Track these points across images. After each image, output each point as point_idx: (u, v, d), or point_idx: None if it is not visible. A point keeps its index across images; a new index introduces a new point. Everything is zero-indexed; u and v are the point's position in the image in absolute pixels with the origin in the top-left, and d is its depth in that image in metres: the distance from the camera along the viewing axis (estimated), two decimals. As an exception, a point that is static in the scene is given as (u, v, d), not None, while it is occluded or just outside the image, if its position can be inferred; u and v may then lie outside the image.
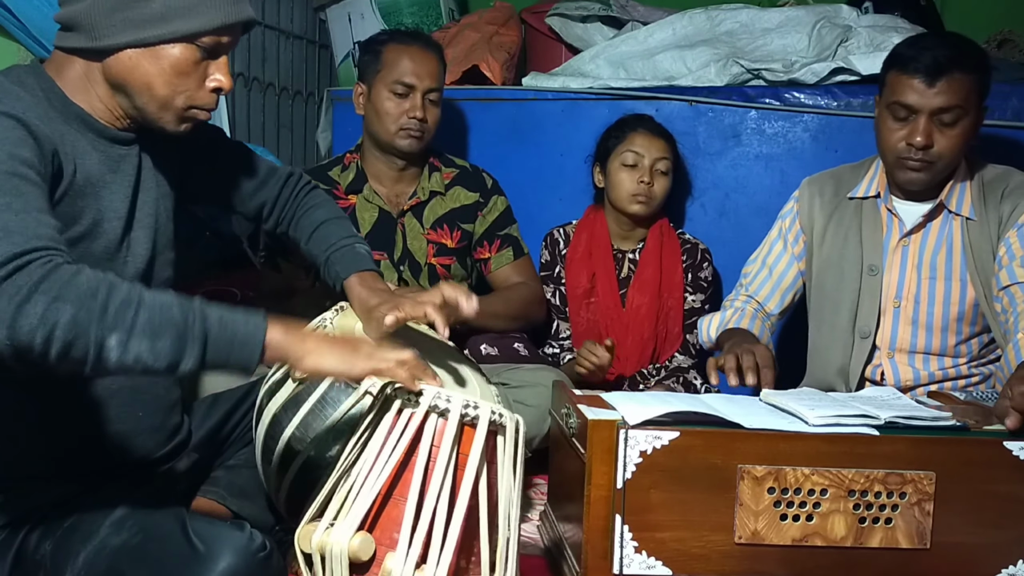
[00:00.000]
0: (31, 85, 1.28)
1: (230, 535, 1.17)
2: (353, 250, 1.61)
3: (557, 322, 2.54)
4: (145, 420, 1.43)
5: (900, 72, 1.84)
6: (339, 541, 1.10)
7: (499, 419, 1.18)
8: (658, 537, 1.38)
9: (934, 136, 1.82)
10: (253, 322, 1.15)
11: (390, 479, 1.14)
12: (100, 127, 1.34)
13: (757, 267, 2.15)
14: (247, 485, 1.62)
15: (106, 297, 1.07)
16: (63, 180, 1.24)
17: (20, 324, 1.02)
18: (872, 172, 2.03)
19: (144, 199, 1.41)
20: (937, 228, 1.95)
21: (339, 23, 3.17)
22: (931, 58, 1.79)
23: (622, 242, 2.54)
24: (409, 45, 2.29)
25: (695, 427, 1.39)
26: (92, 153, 1.32)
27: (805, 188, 2.12)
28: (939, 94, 1.79)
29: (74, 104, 1.31)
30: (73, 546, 1.23)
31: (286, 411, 1.48)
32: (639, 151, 2.42)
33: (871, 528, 1.39)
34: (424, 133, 2.28)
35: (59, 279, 1.06)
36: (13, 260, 1.04)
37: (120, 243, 1.35)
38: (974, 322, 1.94)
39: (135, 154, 1.40)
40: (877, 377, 2.01)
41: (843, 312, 2.00)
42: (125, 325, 1.07)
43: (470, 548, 1.16)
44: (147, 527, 1.22)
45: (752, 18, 2.76)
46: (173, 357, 1.09)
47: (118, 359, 1.07)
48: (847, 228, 2.02)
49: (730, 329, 2.01)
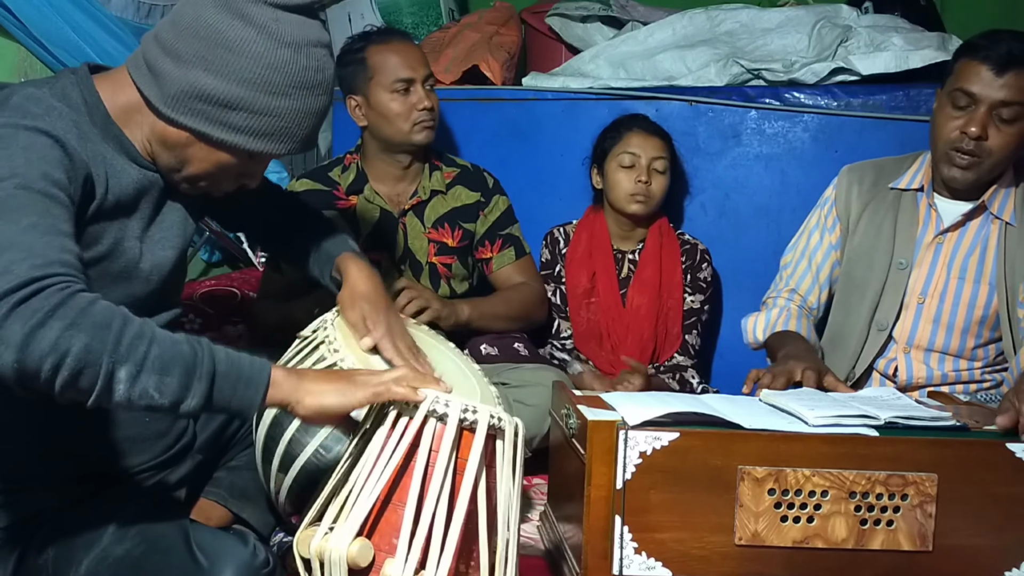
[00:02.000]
0: (75, 99, 1.27)
1: (233, 549, 1.16)
2: (338, 239, 1.63)
3: (558, 321, 2.54)
4: (152, 425, 1.42)
5: (970, 58, 1.82)
6: (338, 547, 1.10)
7: (498, 423, 1.18)
8: (658, 538, 1.38)
9: (989, 130, 1.81)
10: (259, 364, 1.15)
11: (389, 484, 1.13)
12: (134, 153, 1.33)
13: (796, 257, 2.12)
14: (249, 486, 1.62)
15: (120, 329, 1.06)
16: (93, 203, 1.24)
17: (31, 349, 1.01)
18: (918, 165, 2.02)
19: (163, 221, 1.41)
20: (975, 229, 1.94)
21: (339, 23, 3.17)
22: (1005, 49, 1.79)
23: (622, 242, 2.54)
24: (389, 42, 2.28)
25: (695, 428, 1.38)
26: (127, 171, 1.31)
27: (844, 176, 2.10)
28: (1004, 87, 1.78)
29: (115, 125, 1.30)
30: (75, 553, 1.23)
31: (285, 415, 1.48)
32: (635, 151, 2.42)
33: (872, 530, 1.38)
34: (435, 121, 2.28)
35: (75, 307, 1.05)
36: (31, 284, 1.03)
37: (138, 263, 1.34)
38: (994, 328, 1.93)
39: (159, 178, 1.38)
40: (890, 371, 2.00)
41: (865, 302, 1.99)
42: (136, 358, 1.06)
43: (469, 552, 1.15)
44: (150, 538, 1.21)
45: (752, 18, 2.76)
46: (179, 395, 1.09)
47: (125, 392, 1.06)
48: (881, 219, 2.01)
49: (779, 333, 2.00)
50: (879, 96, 2.54)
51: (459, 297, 2.36)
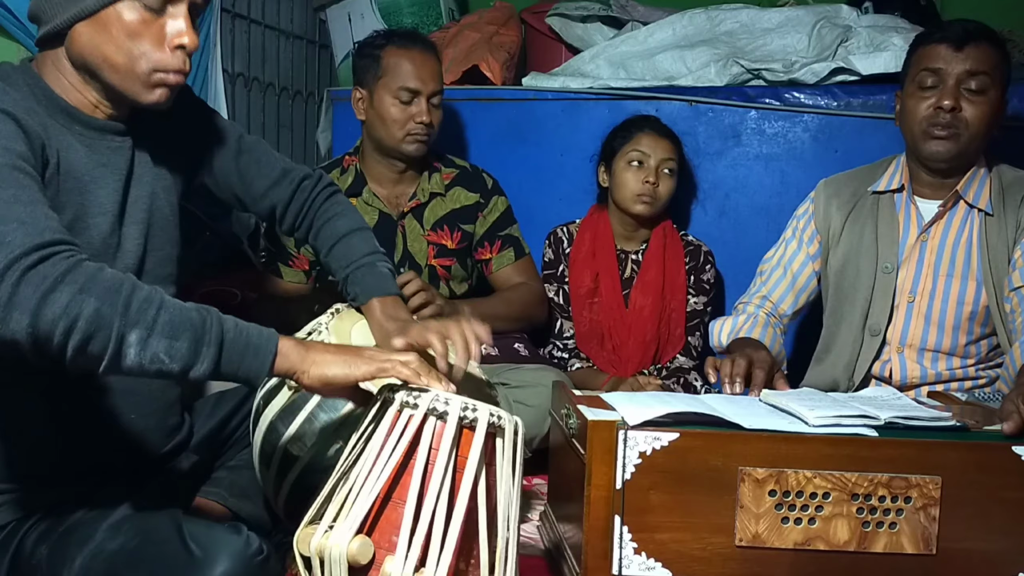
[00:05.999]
0: (17, 81, 1.26)
1: (227, 539, 1.16)
2: (375, 269, 1.58)
3: (560, 321, 2.54)
4: (139, 421, 1.41)
5: (927, 43, 1.87)
6: (338, 544, 1.09)
7: (498, 421, 1.18)
8: (658, 539, 1.37)
9: (961, 103, 1.83)
10: (267, 333, 1.16)
11: (389, 482, 1.13)
12: (86, 119, 1.31)
13: (772, 266, 2.14)
14: (248, 486, 1.61)
15: (129, 294, 1.07)
16: (47, 173, 1.23)
17: (44, 313, 1.02)
18: (894, 168, 2.03)
19: (137, 193, 1.38)
20: (957, 223, 1.94)
21: (339, 23, 3.17)
22: (959, 27, 1.84)
23: (625, 243, 2.53)
24: (409, 49, 2.26)
25: (695, 428, 1.38)
26: (78, 147, 1.29)
27: (822, 190, 2.11)
28: (967, 59, 1.82)
29: (59, 98, 1.29)
30: (70, 550, 1.22)
31: (283, 419, 1.48)
32: (645, 151, 2.42)
33: (875, 533, 1.37)
34: (430, 137, 2.27)
35: (84, 272, 1.06)
36: (38, 250, 1.04)
37: (108, 238, 1.33)
38: (985, 323, 1.93)
39: (128, 147, 1.37)
40: (885, 373, 2.00)
41: (856, 309, 2.00)
42: (146, 322, 1.07)
43: (469, 550, 1.15)
44: (144, 531, 1.21)
45: (752, 18, 2.76)
46: (189, 359, 1.09)
47: (136, 356, 1.06)
48: (863, 226, 2.01)
49: (741, 338, 2.01)
50: (879, 96, 2.55)
51: (458, 298, 2.36)
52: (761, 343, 1.96)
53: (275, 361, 1.15)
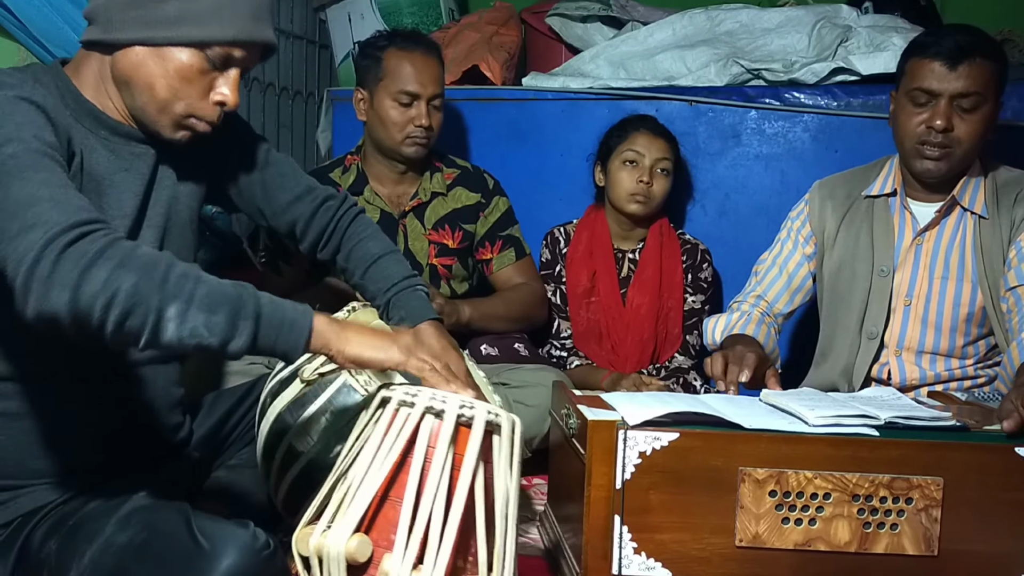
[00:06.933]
0: (46, 82, 1.29)
1: (234, 533, 1.16)
2: (415, 293, 1.59)
3: (558, 321, 2.53)
4: (144, 419, 1.42)
5: (920, 57, 1.84)
6: (336, 543, 1.09)
7: (495, 419, 1.17)
8: (657, 539, 1.36)
9: (954, 121, 1.82)
10: (301, 308, 1.18)
11: (386, 480, 1.13)
12: (113, 124, 1.34)
13: (768, 265, 2.13)
14: (249, 485, 1.62)
15: (167, 269, 1.08)
16: (71, 168, 1.25)
17: (83, 289, 1.03)
18: (887, 170, 2.02)
19: (157, 198, 1.40)
20: (952, 226, 1.94)
21: (339, 23, 3.17)
22: (953, 42, 1.80)
23: (622, 242, 2.53)
24: (411, 51, 2.26)
25: (695, 428, 1.37)
26: (101, 151, 1.32)
27: (816, 191, 2.11)
28: (960, 78, 1.80)
29: (87, 102, 1.31)
30: (79, 545, 1.23)
31: (291, 411, 1.49)
32: (640, 151, 2.42)
33: (876, 534, 1.37)
34: (430, 139, 2.27)
35: (121, 249, 1.07)
36: (76, 227, 1.06)
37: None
38: (982, 324, 1.93)
39: (151, 153, 1.39)
40: (884, 376, 2.00)
41: (852, 312, 2.00)
42: (184, 296, 1.08)
43: (467, 548, 1.15)
44: (152, 524, 1.21)
45: (752, 18, 2.76)
46: (227, 333, 1.10)
47: (175, 331, 1.07)
48: (858, 229, 2.01)
49: (733, 336, 2.01)
50: (879, 96, 2.54)
51: (459, 298, 2.35)
52: (753, 339, 1.96)
53: (311, 336, 1.16)
